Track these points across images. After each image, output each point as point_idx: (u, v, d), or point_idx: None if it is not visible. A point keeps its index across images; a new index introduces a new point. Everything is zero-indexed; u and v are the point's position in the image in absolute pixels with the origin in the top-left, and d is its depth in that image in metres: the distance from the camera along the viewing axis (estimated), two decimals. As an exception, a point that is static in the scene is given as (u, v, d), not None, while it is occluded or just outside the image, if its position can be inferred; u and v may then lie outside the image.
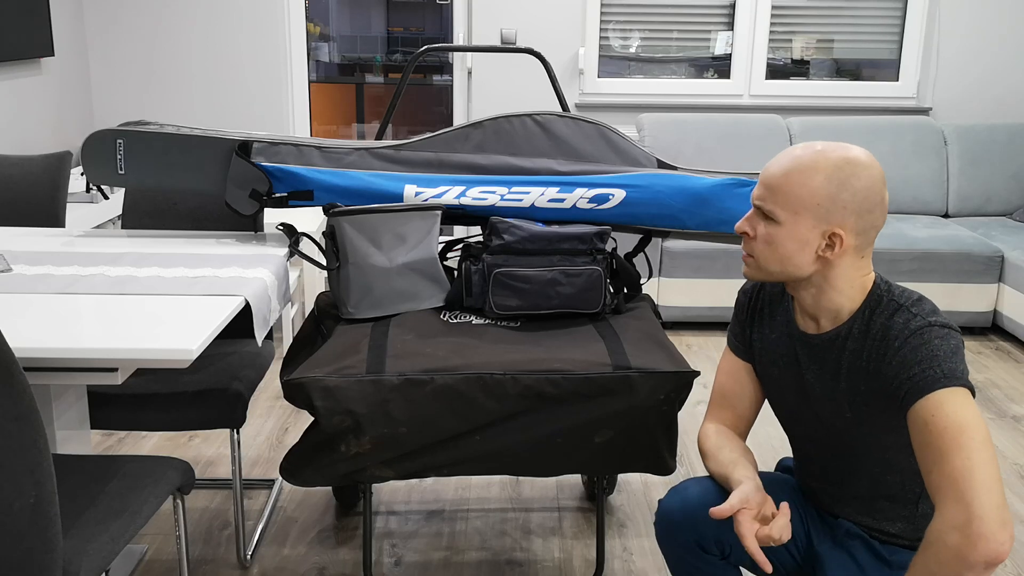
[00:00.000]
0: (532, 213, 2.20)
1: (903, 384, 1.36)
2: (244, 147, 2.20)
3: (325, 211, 2.08)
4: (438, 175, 2.21)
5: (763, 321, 1.63)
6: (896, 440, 1.47)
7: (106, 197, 2.36)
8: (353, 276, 2.07)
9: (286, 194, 2.20)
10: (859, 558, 1.56)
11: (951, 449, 1.29)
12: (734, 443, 1.61)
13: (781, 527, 1.40)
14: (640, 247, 2.35)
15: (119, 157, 2.20)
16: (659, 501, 1.68)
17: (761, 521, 1.43)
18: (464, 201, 2.19)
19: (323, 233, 2.12)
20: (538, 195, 2.18)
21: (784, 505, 1.43)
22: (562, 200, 2.18)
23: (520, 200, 2.18)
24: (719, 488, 1.62)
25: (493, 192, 2.18)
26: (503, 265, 2.07)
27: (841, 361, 1.47)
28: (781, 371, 1.59)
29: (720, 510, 1.40)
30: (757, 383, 1.68)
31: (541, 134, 2.25)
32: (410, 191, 2.18)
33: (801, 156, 1.42)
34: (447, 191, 2.18)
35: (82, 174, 3.63)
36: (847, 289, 1.45)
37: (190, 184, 2.24)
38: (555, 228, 2.09)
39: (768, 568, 1.36)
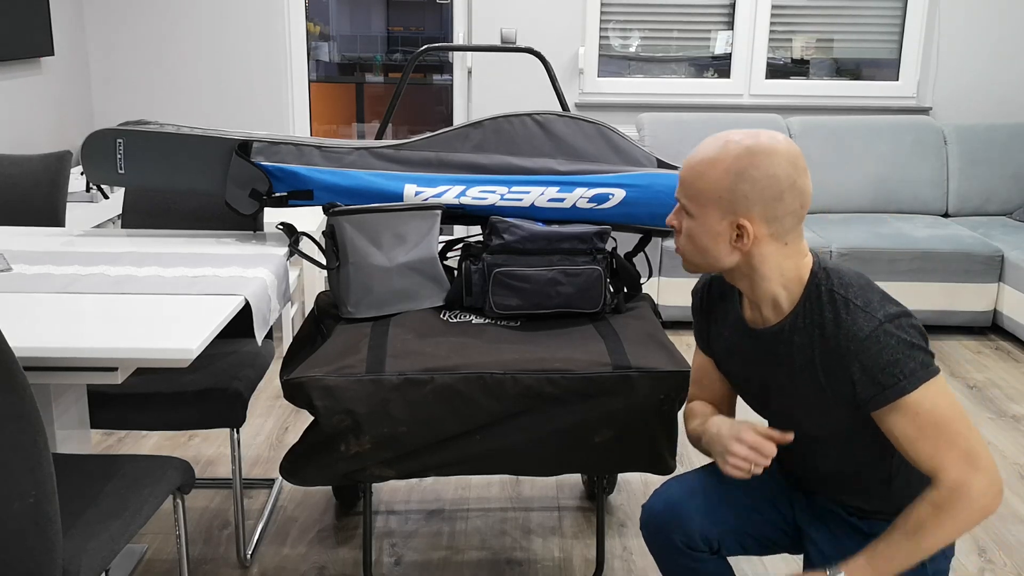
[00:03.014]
0: (532, 213, 2.20)
1: (871, 388, 1.38)
2: (244, 147, 2.20)
3: (325, 210, 2.08)
4: (438, 175, 2.21)
5: (715, 318, 1.64)
6: (860, 430, 1.48)
7: (106, 196, 2.36)
8: (353, 276, 2.07)
9: (286, 193, 2.20)
10: (837, 531, 1.58)
11: (952, 436, 1.36)
12: (712, 409, 1.66)
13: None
14: (640, 247, 2.35)
15: (119, 156, 2.20)
16: (642, 506, 1.69)
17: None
18: (464, 201, 2.19)
19: (323, 233, 2.13)
20: (538, 195, 2.18)
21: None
22: (562, 200, 2.18)
23: (520, 200, 2.18)
24: (702, 483, 1.64)
25: (493, 192, 2.18)
26: (503, 265, 2.07)
27: (792, 355, 1.47)
28: (740, 365, 1.59)
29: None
30: (723, 376, 1.69)
31: (541, 134, 2.25)
32: (410, 191, 2.18)
33: (707, 148, 1.43)
34: (447, 191, 2.18)
35: (82, 174, 3.62)
36: (777, 277, 1.45)
37: (190, 184, 2.24)
38: (555, 228, 2.09)
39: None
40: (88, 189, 2.26)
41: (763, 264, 1.44)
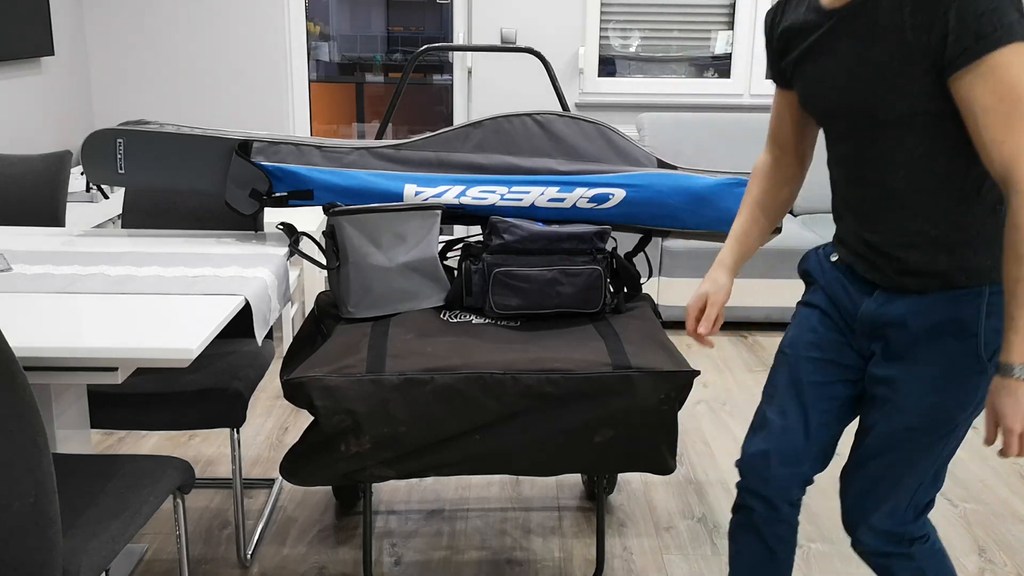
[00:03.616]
0: (532, 213, 2.20)
1: (964, 38, 1.29)
2: (244, 146, 2.20)
3: (325, 210, 2.08)
4: (438, 175, 2.21)
5: (790, 22, 1.58)
6: (936, 116, 1.39)
7: (106, 196, 2.36)
8: (353, 276, 2.07)
9: (286, 193, 2.20)
10: (894, 341, 1.54)
11: None
12: (756, 197, 1.73)
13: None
14: (640, 247, 2.35)
15: (119, 156, 2.20)
16: (737, 486, 1.71)
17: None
18: (464, 200, 2.19)
19: (323, 232, 2.13)
20: (538, 195, 2.18)
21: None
22: (562, 200, 2.18)
23: (520, 200, 2.18)
24: (781, 421, 1.64)
25: (493, 192, 2.18)
26: (503, 265, 2.07)
27: (876, 22, 1.40)
28: (815, 65, 1.52)
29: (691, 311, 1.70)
30: (794, 110, 1.67)
31: (541, 134, 2.25)
32: (410, 191, 2.18)
33: None
34: (447, 190, 2.18)
35: (82, 173, 3.62)
36: None
37: (190, 183, 2.24)
38: (555, 228, 2.09)
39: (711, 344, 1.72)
40: (88, 189, 2.26)
41: None
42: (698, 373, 1.90)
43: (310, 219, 3.51)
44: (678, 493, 2.68)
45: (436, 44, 2.55)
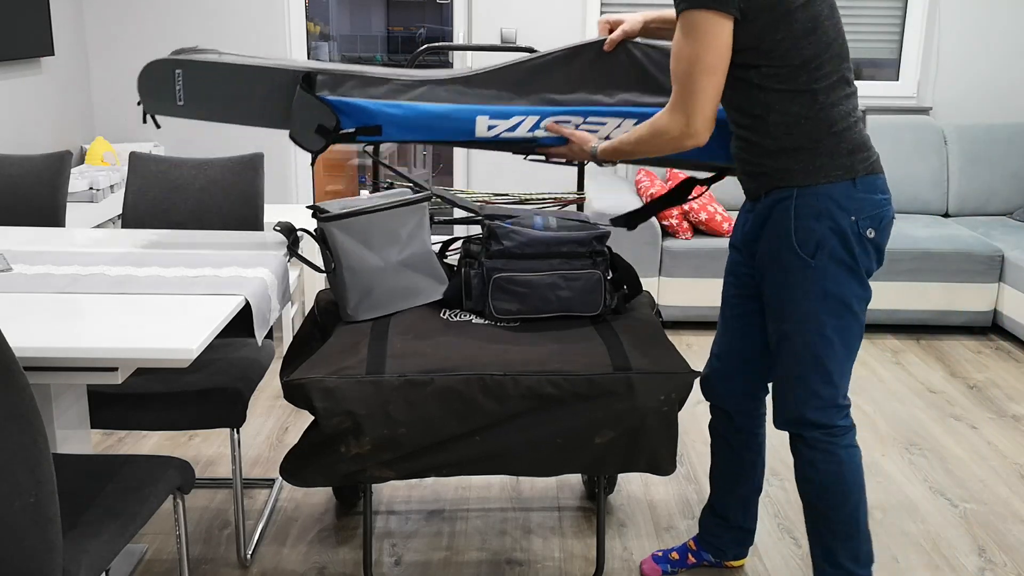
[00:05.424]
0: None
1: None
2: (308, 79, 2.05)
3: (313, 215, 2.06)
4: (511, 106, 2.09)
5: None
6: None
7: (158, 126, 2.21)
8: (349, 280, 2.07)
9: (353, 129, 2.06)
10: (757, 254, 1.89)
11: (689, 75, 1.75)
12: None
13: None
14: (709, 183, 2.23)
15: (178, 88, 2.07)
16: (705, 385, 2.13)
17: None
18: (539, 134, 2.09)
19: (314, 237, 2.10)
20: (614, 126, 2.09)
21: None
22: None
23: (596, 131, 2.09)
24: (726, 352, 2.06)
25: (568, 123, 2.09)
26: (502, 270, 2.07)
27: None
28: None
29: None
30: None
31: (628, 63, 2.12)
32: (482, 123, 2.08)
33: None
34: (521, 121, 2.08)
35: (139, 103, 3.37)
36: None
37: (252, 118, 2.10)
38: (554, 232, 2.08)
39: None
40: (144, 120, 2.16)
41: None
42: (698, 373, 1.90)
43: (310, 219, 3.51)
44: (678, 493, 2.68)
45: (436, 44, 2.54)
